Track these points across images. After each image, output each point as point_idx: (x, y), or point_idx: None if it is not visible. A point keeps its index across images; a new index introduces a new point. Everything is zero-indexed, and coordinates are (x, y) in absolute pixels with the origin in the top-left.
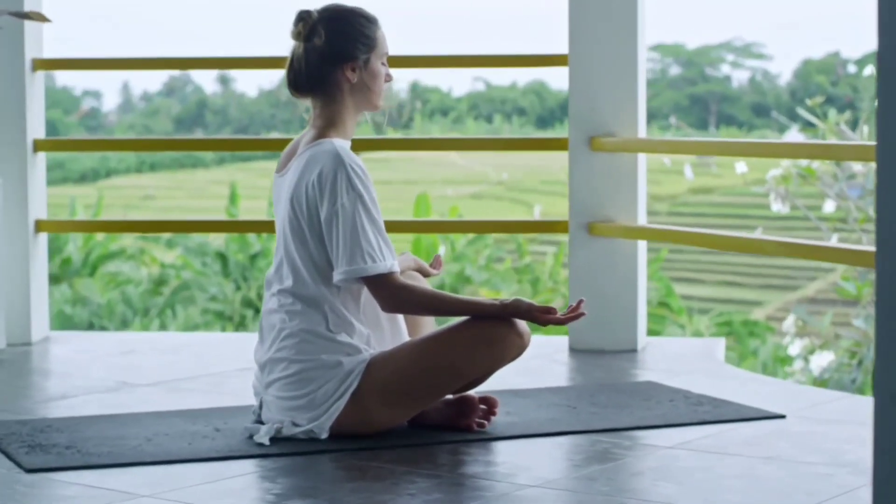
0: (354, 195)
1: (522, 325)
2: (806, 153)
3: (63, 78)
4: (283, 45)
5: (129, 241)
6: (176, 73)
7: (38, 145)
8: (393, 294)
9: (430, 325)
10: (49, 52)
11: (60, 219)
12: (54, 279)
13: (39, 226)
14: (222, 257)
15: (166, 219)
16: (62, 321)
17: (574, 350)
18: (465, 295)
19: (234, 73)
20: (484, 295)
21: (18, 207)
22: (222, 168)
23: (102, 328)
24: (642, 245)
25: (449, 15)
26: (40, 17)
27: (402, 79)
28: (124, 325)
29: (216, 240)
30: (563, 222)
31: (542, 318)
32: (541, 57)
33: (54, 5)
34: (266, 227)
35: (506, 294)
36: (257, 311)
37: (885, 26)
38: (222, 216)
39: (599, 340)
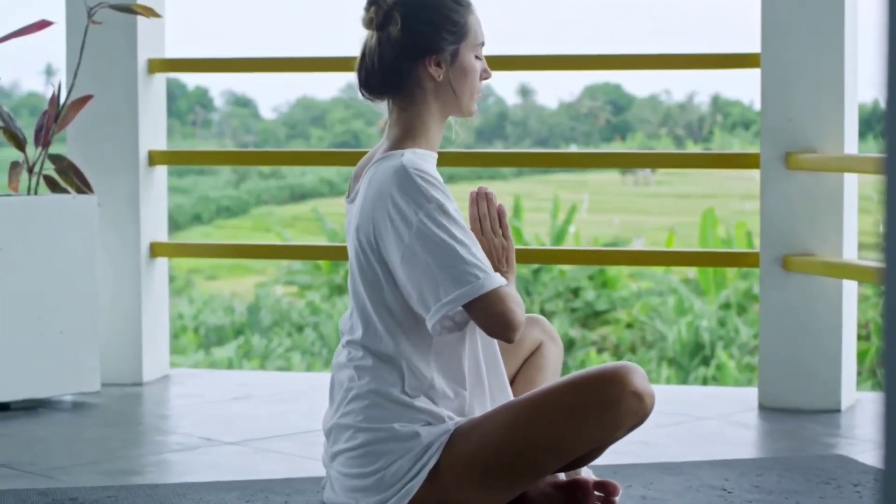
0: (432, 206)
1: (642, 383)
2: None
3: None
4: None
5: None
6: None
7: (155, 158)
8: (509, 309)
9: (551, 375)
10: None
11: (179, 241)
12: (338, 290)
13: (155, 249)
14: None
15: (296, 244)
16: (337, 333)
17: (764, 409)
18: None
19: (535, 86)
20: None
21: (129, 229)
22: (520, 180)
23: None
24: (849, 284)
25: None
26: (148, 12)
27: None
28: None
29: None
30: (754, 254)
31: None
32: (727, 57)
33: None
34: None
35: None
36: None
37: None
38: None
39: (795, 398)
